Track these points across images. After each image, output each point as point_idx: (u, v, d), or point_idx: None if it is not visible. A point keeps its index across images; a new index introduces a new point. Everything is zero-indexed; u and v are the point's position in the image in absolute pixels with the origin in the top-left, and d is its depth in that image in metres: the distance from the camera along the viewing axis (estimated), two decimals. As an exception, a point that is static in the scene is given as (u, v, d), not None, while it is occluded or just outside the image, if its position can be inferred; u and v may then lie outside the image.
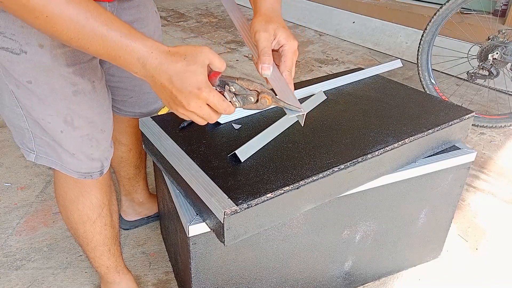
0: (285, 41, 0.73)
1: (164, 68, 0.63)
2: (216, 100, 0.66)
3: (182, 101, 0.65)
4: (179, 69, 0.63)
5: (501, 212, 1.62)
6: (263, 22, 0.74)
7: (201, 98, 0.64)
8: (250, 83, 0.70)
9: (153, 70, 0.64)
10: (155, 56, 0.63)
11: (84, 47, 0.62)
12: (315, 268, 1.11)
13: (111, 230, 1.08)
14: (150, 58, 0.63)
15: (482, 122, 2.13)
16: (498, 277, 1.34)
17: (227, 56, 3.17)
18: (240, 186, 0.84)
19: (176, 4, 4.77)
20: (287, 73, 0.74)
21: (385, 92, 1.26)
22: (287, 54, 0.74)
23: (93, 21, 0.60)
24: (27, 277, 1.30)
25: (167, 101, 0.67)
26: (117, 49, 0.62)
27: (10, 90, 0.79)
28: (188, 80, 0.63)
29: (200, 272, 0.94)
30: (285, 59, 0.74)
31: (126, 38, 0.62)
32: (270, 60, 0.72)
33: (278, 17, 0.76)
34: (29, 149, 0.88)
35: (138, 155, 1.34)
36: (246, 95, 0.70)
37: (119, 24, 0.62)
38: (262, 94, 0.70)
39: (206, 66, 0.65)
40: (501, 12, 2.85)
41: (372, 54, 3.26)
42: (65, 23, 0.59)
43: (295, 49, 0.74)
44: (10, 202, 1.62)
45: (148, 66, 0.63)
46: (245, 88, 0.70)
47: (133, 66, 0.64)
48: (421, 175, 1.11)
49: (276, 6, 0.78)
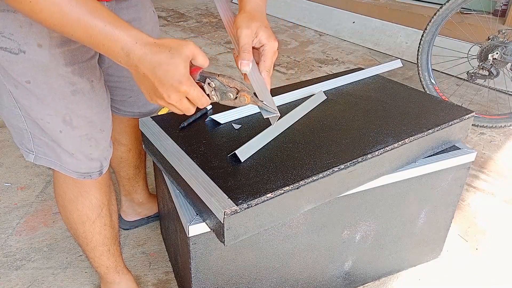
0: (266, 41, 0.75)
1: (148, 59, 0.64)
2: (196, 95, 0.67)
3: (163, 94, 0.66)
4: (162, 60, 0.64)
5: (501, 212, 1.62)
6: (246, 19, 0.75)
7: (181, 91, 0.66)
8: (231, 81, 0.71)
9: (137, 60, 0.64)
10: (139, 46, 0.64)
11: (68, 33, 0.63)
12: (315, 268, 1.11)
13: (110, 230, 1.08)
14: (134, 48, 0.64)
15: (482, 122, 2.13)
16: (498, 277, 1.34)
17: (227, 56, 3.17)
18: (240, 186, 0.83)
19: (176, 4, 4.76)
20: (266, 73, 0.75)
21: (385, 92, 1.26)
22: (267, 54, 0.75)
23: (78, 9, 0.60)
24: (27, 277, 1.30)
25: (148, 92, 0.68)
26: (101, 37, 0.63)
27: (8, 90, 0.79)
28: (170, 72, 0.64)
29: (200, 272, 0.94)
30: (265, 58, 0.75)
31: (111, 27, 0.62)
32: (249, 57, 0.73)
33: (262, 16, 0.78)
34: (28, 150, 0.88)
35: (137, 155, 1.34)
36: (225, 91, 0.72)
37: (105, 13, 0.62)
38: (241, 92, 0.71)
39: (189, 61, 0.66)
40: (501, 12, 2.85)
41: (372, 54, 3.26)
42: (49, 9, 0.59)
43: (275, 49, 0.76)
44: (10, 202, 1.62)
45: (132, 55, 0.64)
46: (225, 84, 0.71)
47: (117, 54, 0.65)
48: (421, 175, 1.11)
49: (261, 5, 0.80)
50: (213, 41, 3.52)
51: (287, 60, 3.13)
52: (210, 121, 1.09)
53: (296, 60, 3.12)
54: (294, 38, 3.62)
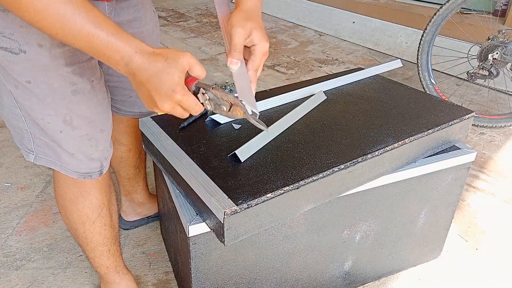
0: (257, 41, 0.76)
1: (145, 67, 0.66)
2: (189, 103, 0.69)
3: (157, 102, 0.68)
4: (159, 69, 0.65)
5: (501, 212, 1.62)
6: (242, 18, 0.75)
7: (175, 100, 0.67)
8: (225, 94, 0.72)
9: (135, 69, 0.66)
10: (138, 55, 0.65)
11: (70, 42, 0.64)
12: (315, 268, 1.11)
13: (110, 230, 1.08)
14: (133, 57, 0.65)
15: (482, 122, 2.13)
16: (498, 277, 1.34)
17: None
18: (240, 186, 0.83)
19: (176, 4, 4.77)
20: (253, 72, 0.76)
21: (385, 92, 1.26)
22: (257, 54, 0.76)
23: (81, 19, 0.61)
24: (27, 277, 1.30)
25: (145, 99, 0.70)
26: (102, 47, 0.64)
27: (9, 90, 0.79)
28: (165, 81, 0.66)
29: (200, 272, 0.94)
30: (254, 58, 0.76)
31: (113, 38, 0.64)
32: (240, 57, 0.74)
33: (258, 17, 0.79)
34: (28, 150, 0.88)
35: (138, 155, 1.34)
36: (219, 104, 0.73)
37: (107, 23, 0.64)
38: (234, 106, 0.73)
39: (185, 71, 0.68)
40: (501, 12, 2.85)
41: (372, 54, 3.26)
42: (51, 19, 0.60)
43: (266, 50, 0.77)
44: (10, 202, 1.62)
45: (131, 64, 0.66)
46: (219, 97, 0.72)
47: (117, 63, 0.66)
48: (421, 175, 1.11)
49: (258, 5, 0.80)
50: (213, 41, 3.52)
51: (287, 60, 3.13)
52: (210, 121, 1.09)
53: (296, 60, 3.12)
54: (294, 38, 3.62)
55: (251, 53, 0.77)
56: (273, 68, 2.97)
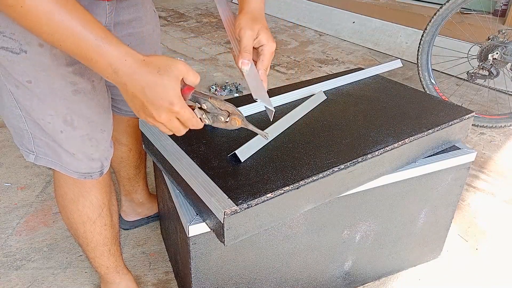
0: (265, 42, 0.77)
1: (137, 78, 0.64)
2: (187, 117, 0.68)
3: (153, 113, 0.66)
4: (152, 81, 0.64)
5: (501, 212, 1.62)
6: (249, 21, 0.77)
7: (173, 112, 0.66)
8: (222, 104, 0.72)
9: (125, 78, 0.64)
10: (128, 64, 0.63)
11: (56, 43, 0.62)
12: (315, 268, 1.11)
13: (111, 231, 1.08)
14: (123, 66, 0.63)
15: (482, 122, 2.13)
16: (498, 277, 1.34)
17: (227, 56, 3.17)
18: (240, 186, 0.84)
19: (176, 4, 4.77)
20: (263, 71, 0.78)
21: (385, 92, 1.26)
22: (265, 54, 0.78)
23: (69, 19, 0.59)
24: (27, 277, 1.30)
25: (137, 110, 0.68)
26: (90, 50, 0.61)
27: (9, 90, 0.79)
28: (161, 93, 0.64)
29: (200, 272, 0.94)
30: (263, 58, 0.78)
31: (102, 41, 0.61)
32: (250, 57, 0.76)
33: (262, 18, 0.80)
34: (29, 150, 0.88)
35: (138, 155, 1.34)
36: (216, 114, 0.73)
37: (96, 26, 0.62)
38: (232, 115, 0.73)
39: (179, 81, 0.66)
40: (501, 12, 2.85)
41: (372, 54, 3.26)
42: (39, 17, 0.58)
43: (273, 50, 0.79)
44: (10, 202, 1.62)
45: (120, 73, 0.63)
46: (216, 107, 0.72)
47: (104, 70, 0.64)
48: (421, 175, 1.11)
49: (261, 6, 0.82)
50: (213, 41, 3.52)
51: (287, 60, 3.13)
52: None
53: (296, 60, 3.12)
54: (294, 38, 3.62)
55: (259, 53, 0.78)
56: (273, 68, 2.97)
